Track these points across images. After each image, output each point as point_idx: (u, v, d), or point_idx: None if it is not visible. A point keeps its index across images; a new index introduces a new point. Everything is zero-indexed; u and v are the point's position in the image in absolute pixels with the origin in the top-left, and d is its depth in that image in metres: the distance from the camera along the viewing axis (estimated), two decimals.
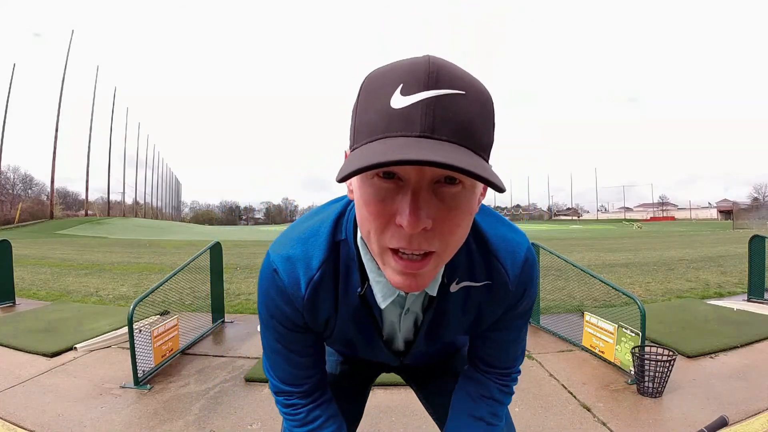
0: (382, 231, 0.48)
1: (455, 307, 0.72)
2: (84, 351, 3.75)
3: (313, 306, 0.70)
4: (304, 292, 0.67)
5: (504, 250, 0.69)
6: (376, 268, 0.64)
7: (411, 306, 0.73)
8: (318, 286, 0.67)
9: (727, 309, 4.96)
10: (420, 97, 0.42)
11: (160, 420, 2.53)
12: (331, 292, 0.69)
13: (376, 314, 0.72)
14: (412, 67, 0.44)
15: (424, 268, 0.50)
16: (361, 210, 0.50)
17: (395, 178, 0.45)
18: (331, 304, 0.71)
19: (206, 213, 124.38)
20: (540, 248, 4.50)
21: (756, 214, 42.50)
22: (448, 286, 0.69)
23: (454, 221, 0.47)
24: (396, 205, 0.45)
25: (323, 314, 0.72)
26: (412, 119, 0.41)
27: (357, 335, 0.79)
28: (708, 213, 79.31)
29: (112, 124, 59.29)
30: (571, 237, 25.52)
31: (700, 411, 2.54)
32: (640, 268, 9.16)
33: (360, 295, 0.68)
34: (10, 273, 5.82)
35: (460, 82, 0.44)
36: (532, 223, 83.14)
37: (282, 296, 0.69)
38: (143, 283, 7.67)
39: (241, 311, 5.39)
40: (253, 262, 11.20)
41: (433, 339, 0.82)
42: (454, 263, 0.65)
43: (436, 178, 0.45)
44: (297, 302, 0.69)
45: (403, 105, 0.42)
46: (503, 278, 0.70)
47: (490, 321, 0.79)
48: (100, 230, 35.75)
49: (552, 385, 3.01)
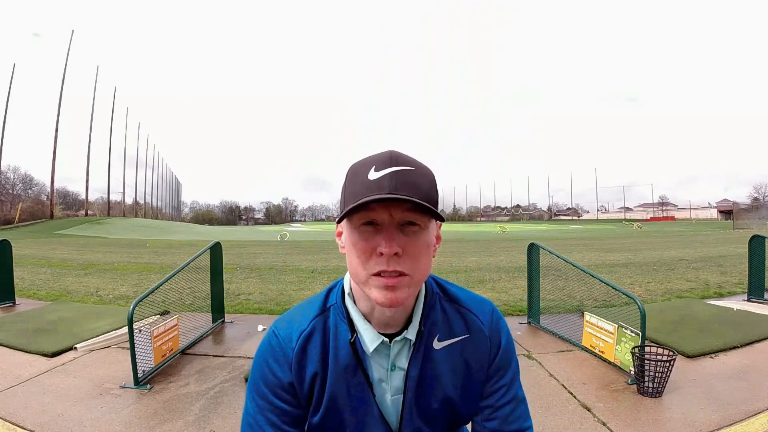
0: (367, 261, 0.67)
1: (443, 366, 0.80)
2: (84, 351, 3.75)
3: (303, 357, 0.78)
4: (294, 343, 0.78)
5: (472, 302, 0.85)
6: (362, 319, 0.78)
7: (396, 360, 0.79)
8: (308, 339, 0.79)
9: (727, 309, 4.96)
10: (386, 171, 0.65)
11: (160, 420, 2.53)
12: (319, 347, 0.79)
13: (366, 366, 0.78)
14: (381, 156, 0.68)
15: (400, 283, 0.67)
16: (351, 251, 0.69)
17: (374, 225, 0.67)
18: (319, 359, 0.78)
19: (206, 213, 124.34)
20: (540, 248, 4.50)
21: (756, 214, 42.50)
22: (432, 345, 0.80)
23: (417, 250, 0.68)
24: (376, 242, 0.66)
25: (311, 369, 0.78)
26: (382, 185, 0.64)
27: (346, 399, 0.79)
28: (708, 213, 79.30)
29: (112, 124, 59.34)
30: (571, 237, 25.52)
31: (700, 411, 2.54)
32: (640, 268, 9.16)
33: (351, 343, 0.77)
34: (10, 273, 5.83)
35: (411, 163, 0.68)
36: (532, 223, 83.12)
37: (274, 354, 0.79)
38: (143, 283, 7.67)
39: (241, 311, 5.39)
40: (253, 262, 11.20)
41: (426, 401, 0.80)
42: (432, 320, 0.80)
43: (402, 221, 0.66)
44: (288, 353, 0.78)
45: (376, 177, 0.65)
46: (478, 326, 0.83)
47: (479, 379, 0.83)
48: (100, 230, 35.76)
49: (552, 385, 3.01)
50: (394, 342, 0.78)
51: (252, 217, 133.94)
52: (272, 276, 8.61)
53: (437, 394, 0.81)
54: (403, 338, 0.78)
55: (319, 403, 0.79)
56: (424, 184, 0.67)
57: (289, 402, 0.79)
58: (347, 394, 0.79)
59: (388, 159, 0.67)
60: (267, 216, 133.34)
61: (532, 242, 4.61)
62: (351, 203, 0.65)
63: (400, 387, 0.80)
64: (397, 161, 0.66)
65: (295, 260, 11.83)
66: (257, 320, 4.88)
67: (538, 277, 4.53)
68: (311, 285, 7.46)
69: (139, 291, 6.73)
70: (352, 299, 0.79)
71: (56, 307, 5.39)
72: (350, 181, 0.69)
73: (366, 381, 0.78)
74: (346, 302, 0.80)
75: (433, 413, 0.82)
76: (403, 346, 0.79)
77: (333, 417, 0.80)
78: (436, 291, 0.84)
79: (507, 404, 0.83)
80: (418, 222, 0.67)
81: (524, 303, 4.93)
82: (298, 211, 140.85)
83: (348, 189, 0.69)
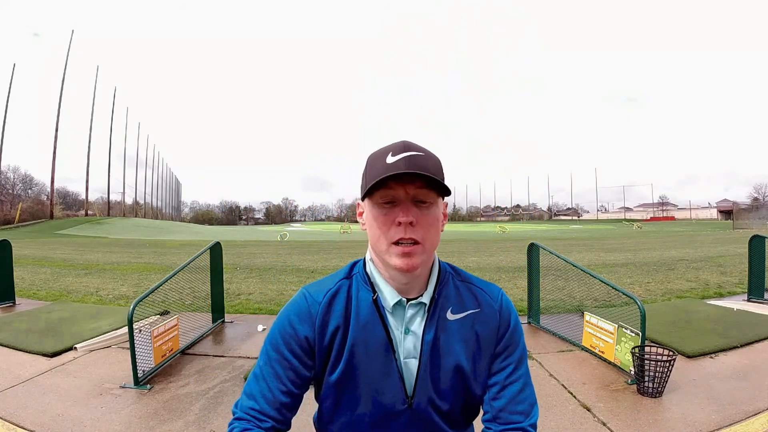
0: (387, 231, 0.80)
1: (455, 335, 0.87)
2: (84, 351, 3.75)
3: (327, 313, 0.87)
4: (321, 299, 0.88)
5: (484, 284, 0.95)
6: (383, 281, 0.87)
7: (410, 323, 0.86)
8: (334, 296, 0.88)
9: (727, 309, 4.96)
10: (401, 156, 0.78)
11: (160, 420, 2.53)
12: (343, 303, 0.88)
13: (387, 322, 0.86)
14: (396, 144, 0.81)
15: (415, 251, 0.79)
16: (373, 224, 0.82)
17: (392, 203, 0.80)
18: (342, 314, 0.87)
19: (206, 213, 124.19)
20: (540, 248, 4.50)
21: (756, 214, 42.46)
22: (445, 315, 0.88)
23: (428, 221, 0.80)
24: (394, 214, 0.79)
25: (333, 323, 0.86)
26: (399, 165, 0.77)
27: (365, 356, 0.85)
28: (708, 213, 79.27)
29: (112, 124, 59.33)
30: (571, 237, 25.52)
31: (700, 411, 2.54)
32: (640, 268, 9.16)
33: (373, 300, 0.86)
34: (10, 273, 5.83)
35: (422, 150, 0.81)
36: (532, 223, 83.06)
37: (301, 313, 0.87)
38: (143, 283, 7.67)
39: (241, 311, 5.39)
40: (253, 262, 11.20)
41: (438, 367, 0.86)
42: (446, 294, 0.89)
43: (415, 197, 0.79)
44: (313, 311, 0.87)
45: (393, 160, 0.78)
46: (489, 301, 0.91)
47: (488, 353, 0.89)
48: (100, 230, 35.75)
49: (552, 385, 3.01)
50: (409, 304, 0.86)
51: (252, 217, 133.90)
52: (272, 276, 8.61)
53: (449, 361, 0.86)
54: (419, 302, 0.86)
55: (339, 358, 0.85)
56: (433, 166, 0.79)
57: (300, 358, 0.86)
58: (366, 351, 0.85)
59: (403, 146, 0.80)
60: (267, 216, 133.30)
61: (532, 242, 4.61)
62: (371, 182, 0.78)
63: (412, 351, 0.86)
64: (410, 148, 0.80)
65: (295, 260, 11.84)
66: (257, 320, 4.88)
67: (538, 277, 4.53)
68: None
69: (139, 291, 6.73)
70: (373, 265, 0.90)
71: (56, 307, 5.39)
72: (371, 166, 0.81)
73: (387, 337, 0.85)
74: (368, 269, 0.90)
75: (445, 382, 0.87)
76: (418, 310, 0.87)
77: (351, 375, 0.85)
78: (449, 271, 0.94)
79: (514, 383, 0.88)
80: (428, 199, 0.80)
81: (524, 303, 4.93)
82: (298, 211, 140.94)
83: (369, 172, 0.81)
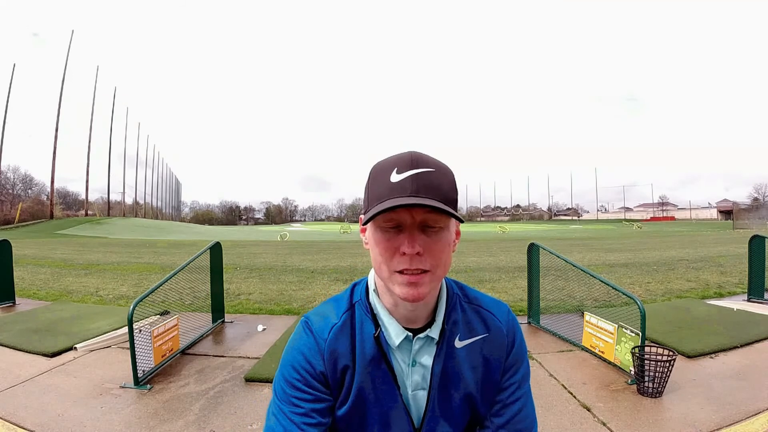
0: (390, 259, 0.70)
1: (463, 363, 0.84)
2: (84, 351, 3.75)
3: (335, 349, 0.82)
4: (327, 335, 0.82)
5: (491, 303, 0.90)
6: (387, 314, 0.81)
7: (417, 356, 0.82)
8: (339, 332, 0.83)
9: (728, 309, 4.96)
10: (408, 174, 0.67)
11: (160, 420, 2.53)
12: (348, 339, 0.82)
13: (390, 359, 0.81)
14: (402, 157, 0.70)
15: (422, 280, 0.70)
16: (375, 250, 0.73)
17: (397, 227, 0.69)
18: (349, 351, 0.82)
19: (206, 213, 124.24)
20: (540, 248, 4.50)
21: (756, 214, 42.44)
22: (453, 343, 0.83)
23: (437, 248, 0.70)
24: (399, 241, 0.69)
25: (342, 361, 0.82)
26: (405, 187, 0.67)
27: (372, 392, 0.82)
28: (708, 213, 79.25)
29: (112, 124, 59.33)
30: (571, 237, 25.52)
31: (700, 411, 2.54)
32: (640, 268, 9.16)
33: (375, 337, 0.81)
34: (10, 273, 5.83)
35: (431, 164, 0.70)
36: (532, 223, 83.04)
37: (308, 344, 0.82)
38: (143, 283, 7.67)
39: (241, 311, 5.39)
40: (253, 262, 11.20)
41: (448, 397, 0.83)
42: (454, 320, 0.84)
43: (423, 223, 0.69)
44: (321, 344, 0.81)
45: (398, 179, 0.67)
46: (497, 324, 0.87)
47: (496, 375, 0.86)
48: (100, 230, 35.75)
49: (552, 385, 3.01)
50: (416, 338, 0.81)
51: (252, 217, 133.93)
52: (272, 276, 8.61)
53: (459, 391, 0.83)
54: (426, 336, 0.81)
55: (348, 395, 0.82)
56: (445, 184, 0.70)
57: (320, 390, 0.81)
58: (373, 387, 0.81)
59: (410, 161, 0.69)
60: (267, 216, 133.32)
61: (533, 242, 4.61)
62: (375, 204, 0.69)
63: (420, 382, 0.82)
64: (418, 163, 0.69)
65: (296, 260, 11.83)
66: (257, 320, 4.88)
67: (538, 277, 4.53)
68: (311, 285, 7.46)
69: (139, 291, 6.73)
70: (376, 295, 0.83)
71: (56, 307, 5.39)
72: (373, 182, 0.72)
73: (390, 373, 0.81)
74: (371, 298, 0.83)
75: (454, 411, 0.84)
76: (425, 343, 0.82)
77: (358, 409, 0.82)
78: (457, 292, 0.88)
79: (517, 401, 0.86)
80: (438, 224, 0.70)
81: (524, 303, 4.93)
82: (298, 211, 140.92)
83: (371, 190, 0.72)
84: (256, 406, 2.74)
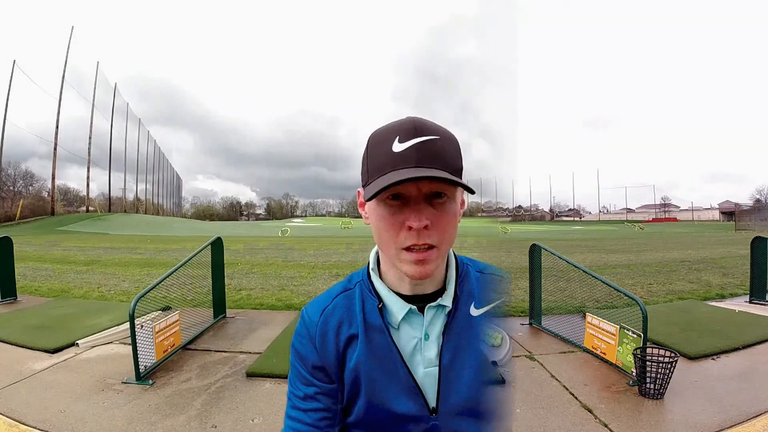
0: (396, 235, 0.66)
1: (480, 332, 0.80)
2: (86, 347, 3.76)
3: (325, 332, 0.79)
4: (318, 318, 0.80)
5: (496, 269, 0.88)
6: (389, 291, 0.77)
7: (430, 329, 0.76)
8: (331, 314, 0.80)
9: (729, 311, 4.95)
10: (411, 142, 0.63)
11: (162, 415, 2.53)
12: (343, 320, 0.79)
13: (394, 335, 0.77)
14: (403, 124, 0.65)
15: (430, 257, 0.66)
16: (378, 225, 0.68)
17: (400, 199, 0.65)
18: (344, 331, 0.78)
19: (207, 208, 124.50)
20: (542, 249, 4.49)
21: (758, 215, 42.22)
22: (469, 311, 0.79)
23: (445, 221, 0.66)
24: (404, 215, 0.64)
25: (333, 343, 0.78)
26: (409, 157, 0.62)
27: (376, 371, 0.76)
28: (710, 214, 79.08)
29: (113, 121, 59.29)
30: (572, 238, 25.47)
31: (702, 413, 2.54)
32: (642, 269, 9.14)
33: (378, 308, 0.77)
34: (11, 269, 5.84)
35: (435, 131, 0.65)
36: (534, 224, 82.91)
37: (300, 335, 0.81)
38: (145, 278, 7.68)
39: (243, 306, 5.40)
40: (255, 258, 11.21)
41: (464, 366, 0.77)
42: (468, 289, 0.80)
43: (428, 194, 0.64)
44: (312, 331, 0.79)
45: (401, 149, 0.63)
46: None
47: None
48: (101, 226, 35.83)
49: (554, 386, 3.01)
50: (428, 308, 0.75)
51: (253, 213, 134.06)
52: (273, 271, 8.62)
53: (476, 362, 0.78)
54: (438, 305, 0.75)
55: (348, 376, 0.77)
56: (450, 152, 0.66)
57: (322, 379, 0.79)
58: (377, 366, 0.75)
59: (412, 128, 0.64)
60: (268, 212, 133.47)
61: (534, 243, 4.60)
62: (376, 176, 0.64)
63: (433, 359, 0.75)
64: (422, 130, 0.64)
65: (297, 256, 11.84)
66: (259, 315, 4.89)
67: (540, 278, 4.52)
68: (312, 280, 7.47)
69: (141, 287, 6.74)
70: (377, 274, 0.79)
71: (58, 304, 5.40)
72: (372, 152, 0.66)
73: (396, 350, 0.75)
74: (372, 277, 0.79)
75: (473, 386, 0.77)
76: (437, 313, 0.76)
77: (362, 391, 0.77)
78: (466, 262, 0.84)
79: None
80: (445, 193, 0.65)
81: (526, 304, 4.92)
82: (298, 207, 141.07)
83: (371, 160, 0.66)
84: (258, 400, 2.75)
